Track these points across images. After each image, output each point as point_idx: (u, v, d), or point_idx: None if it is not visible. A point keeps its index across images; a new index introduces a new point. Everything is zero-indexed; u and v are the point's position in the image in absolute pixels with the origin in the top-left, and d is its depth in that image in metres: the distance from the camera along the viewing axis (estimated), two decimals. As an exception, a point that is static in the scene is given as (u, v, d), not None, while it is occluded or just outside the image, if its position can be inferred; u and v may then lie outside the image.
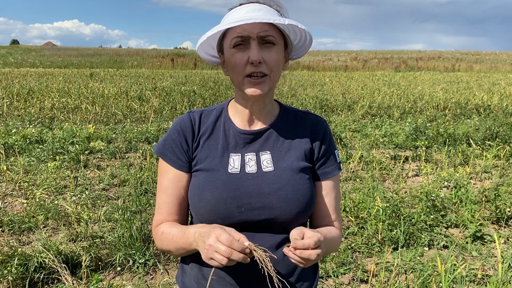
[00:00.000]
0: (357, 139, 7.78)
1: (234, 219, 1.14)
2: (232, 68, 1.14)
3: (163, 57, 43.24)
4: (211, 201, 1.14)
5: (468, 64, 40.70)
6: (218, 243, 0.98)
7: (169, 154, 1.22)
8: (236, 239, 0.99)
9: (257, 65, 1.10)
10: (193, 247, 1.10)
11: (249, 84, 1.12)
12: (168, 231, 1.19)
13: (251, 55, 1.09)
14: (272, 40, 1.11)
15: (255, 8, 1.12)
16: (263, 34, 1.09)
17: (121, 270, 3.25)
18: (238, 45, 1.11)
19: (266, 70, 1.11)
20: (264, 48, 1.11)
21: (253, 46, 1.09)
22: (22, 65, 32.45)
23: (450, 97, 13.02)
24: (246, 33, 1.08)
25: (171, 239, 1.17)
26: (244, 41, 1.10)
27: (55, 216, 3.97)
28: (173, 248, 1.18)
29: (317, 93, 14.24)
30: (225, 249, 0.96)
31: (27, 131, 7.13)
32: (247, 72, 1.11)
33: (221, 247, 0.97)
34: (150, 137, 7.38)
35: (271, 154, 1.21)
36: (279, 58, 1.14)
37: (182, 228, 1.17)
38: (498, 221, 4.19)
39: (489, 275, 3.24)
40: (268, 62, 1.11)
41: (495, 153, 6.46)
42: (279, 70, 1.16)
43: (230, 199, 1.14)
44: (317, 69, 37.01)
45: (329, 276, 3.23)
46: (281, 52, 1.15)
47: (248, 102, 1.20)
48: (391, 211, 3.93)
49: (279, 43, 1.14)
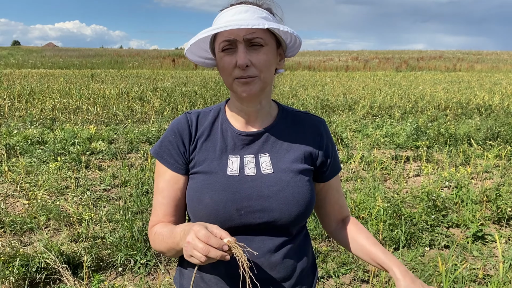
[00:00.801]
0: (358, 139, 7.77)
1: (234, 222, 1.13)
2: (222, 71, 1.13)
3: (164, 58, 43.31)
4: (210, 204, 1.13)
5: (469, 64, 40.66)
6: (196, 240, 0.94)
7: (165, 156, 1.21)
8: (215, 235, 0.95)
9: (245, 69, 1.08)
10: (180, 246, 1.06)
11: (239, 85, 1.11)
12: (160, 231, 1.17)
13: (238, 59, 1.07)
14: (260, 41, 1.08)
15: (242, 10, 1.10)
16: (249, 37, 1.07)
17: (122, 270, 3.26)
18: (226, 49, 1.09)
19: (254, 72, 1.09)
20: (252, 51, 1.08)
21: (240, 50, 1.07)
22: (23, 66, 32.50)
23: (451, 97, 13.01)
24: (233, 36, 1.07)
25: (162, 240, 1.15)
26: (231, 44, 1.08)
27: (56, 216, 3.98)
28: (164, 249, 1.16)
29: (318, 93, 14.25)
30: (202, 246, 0.92)
31: (28, 132, 7.14)
32: (235, 75, 1.09)
33: (199, 244, 0.93)
34: (151, 138, 7.39)
35: (270, 156, 1.19)
36: (268, 58, 1.11)
37: (171, 227, 1.14)
38: (499, 221, 4.18)
39: (490, 275, 3.23)
40: (256, 64, 1.09)
41: (496, 153, 6.46)
42: (270, 70, 1.13)
43: (230, 202, 1.12)
44: (318, 69, 37.03)
45: (330, 276, 3.23)
46: (271, 52, 1.12)
47: (242, 103, 1.18)
48: (392, 211, 3.93)
49: (269, 43, 1.11)
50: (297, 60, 39.52)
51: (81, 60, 40.24)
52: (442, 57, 48.04)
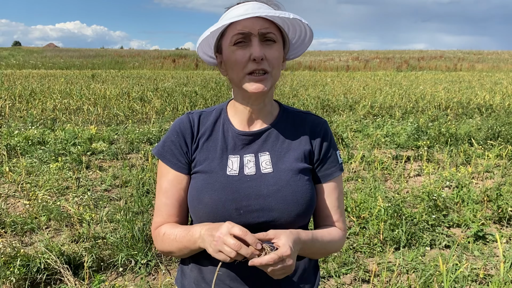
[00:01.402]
0: (358, 139, 7.77)
1: (233, 222, 1.13)
2: (233, 66, 1.12)
3: (164, 58, 43.34)
4: (210, 204, 1.13)
5: (470, 64, 40.64)
6: (228, 236, 0.97)
7: (168, 156, 1.21)
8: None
9: (259, 62, 1.08)
10: (198, 244, 1.08)
11: (251, 81, 1.10)
12: (170, 231, 1.17)
13: (253, 52, 1.07)
14: (273, 37, 1.10)
15: (255, 6, 1.11)
16: (264, 31, 1.08)
17: (123, 270, 3.26)
18: (239, 42, 1.09)
19: (268, 67, 1.09)
20: (265, 45, 1.09)
21: (255, 43, 1.08)
22: (24, 67, 32.55)
23: (452, 97, 13.00)
24: (248, 29, 1.07)
25: (174, 239, 1.15)
26: (245, 38, 1.08)
27: (57, 217, 3.98)
28: (175, 249, 1.16)
29: (318, 93, 14.24)
30: (234, 242, 0.96)
31: (29, 133, 7.15)
32: (248, 69, 1.09)
33: (230, 240, 0.96)
34: (152, 138, 7.39)
35: (270, 154, 1.19)
36: (280, 55, 1.13)
37: (185, 227, 1.16)
38: (500, 220, 4.18)
39: (491, 275, 3.23)
40: (269, 59, 1.09)
41: (497, 152, 6.45)
42: (279, 68, 1.15)
43: (229, 202, 1.13)
44: (319, 69, 37.04)
45: (331, 276, 3.23)
46: (281, 50, 1.14)
47: (248, 101, 1.18)
48: (393, 211, 3.92)
49: (279, 40, 1.13)
50: (297, 60, 39.52)
51: (81, 61, 40.29)
52: (442, 56, 48.01)
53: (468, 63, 41.40)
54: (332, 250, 1.25)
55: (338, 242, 1.24)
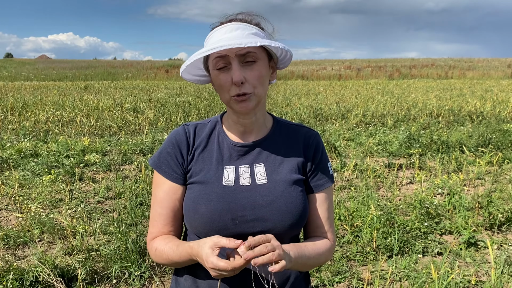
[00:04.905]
0: (351, 147, 7.82)
1: (229, 232, 1.15)
2: (218, 89, 1.17)
3: (157, 69, 43.41)
4: (206, 214, 1.15)
5: (461, 71, 41.07)
6: (215, 262, 1.02)
7: (164, 166, 1.23)
8: (223, 245, 1.04)
9: (240, 86, 1.11)
10: (193, 258, 1.12)
11: (236, 103, 1.14)
12: (161, 248, 1.20)
13: (233, 76, 1.10)
14: (253, 56, 1.12)
15: (233, 28, 1.14)
16: (242, 53, 1.11)
17: (117, 282, 3.25)
18: (221, 67, 1.12)
19: (248, 89, 1.12)
20: (246, 67, 1.12)
21: (235, 67, 1.11)
22: (16, 79, 32.44)
23: (444, 104, 13.12)
24: (224, 52, 1.10)
25: (166, 258, 1.20)
26: (225, 61, 1.12)
27: (50, 229, 3.97)
28: (169, 264, 1.22)
29: (311, 102, 14.32)
30: (223, 265, 1.01)
31: (21, 145, 7.12)
32: (232, 93, 1.13)
33: (220, 264, 1.01)
34: (145, 149, 7.39)
35: (265, 166, 1.22)
36: (262, 73, 1.15)
37: (174, 245, 1.19)
38: (491, 227, 4.22)
39: (483, 281, 3.26)
40: (250, 80, 1.12)
41: (488, 159, 6.52)
42: (264, 84, 1.17)
43: (225, 212, 1.15)
44: (311, 78, 37.22)
45: (324, 285, 3.24)
46: (264, 67, 1.16)
47: (239, 117, 1.21)
48: (386, 219, 3.95)
49: (261, 57, 1.15)
50: (290, 70, 39.74)
51: (74, 72, 40.24)
52: (434, 64, 48.48)
53: (459, 70, 41.84)
54: (320, 262, 1.27)
55: (326, 253, 1.26)
